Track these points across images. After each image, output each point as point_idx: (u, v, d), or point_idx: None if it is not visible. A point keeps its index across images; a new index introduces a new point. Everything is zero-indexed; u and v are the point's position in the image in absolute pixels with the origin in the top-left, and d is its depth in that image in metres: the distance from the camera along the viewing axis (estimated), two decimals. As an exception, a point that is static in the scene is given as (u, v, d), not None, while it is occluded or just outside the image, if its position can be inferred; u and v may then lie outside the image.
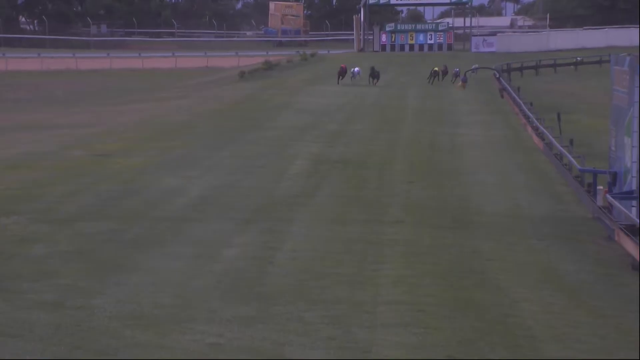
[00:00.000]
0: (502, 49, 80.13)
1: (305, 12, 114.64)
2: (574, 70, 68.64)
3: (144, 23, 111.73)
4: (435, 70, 54.74)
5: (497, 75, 51.14)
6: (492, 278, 14.27)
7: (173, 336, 10.96)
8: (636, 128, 17.74)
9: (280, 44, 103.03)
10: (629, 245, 15.91)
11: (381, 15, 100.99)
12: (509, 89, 45.42)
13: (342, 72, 53.54)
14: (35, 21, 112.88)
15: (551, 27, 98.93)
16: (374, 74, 52.71)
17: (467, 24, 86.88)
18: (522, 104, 38.77)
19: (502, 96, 45.80)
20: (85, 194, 20.69)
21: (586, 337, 11.54)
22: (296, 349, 10.64)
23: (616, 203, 17.94)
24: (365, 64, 69.27)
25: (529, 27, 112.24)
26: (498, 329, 11.58)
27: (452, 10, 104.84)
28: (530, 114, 35.48)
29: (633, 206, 17.88)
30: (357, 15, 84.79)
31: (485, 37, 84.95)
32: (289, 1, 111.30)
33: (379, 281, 13.78)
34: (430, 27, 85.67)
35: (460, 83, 48.03)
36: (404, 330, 11.35)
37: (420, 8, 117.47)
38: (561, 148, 25.98)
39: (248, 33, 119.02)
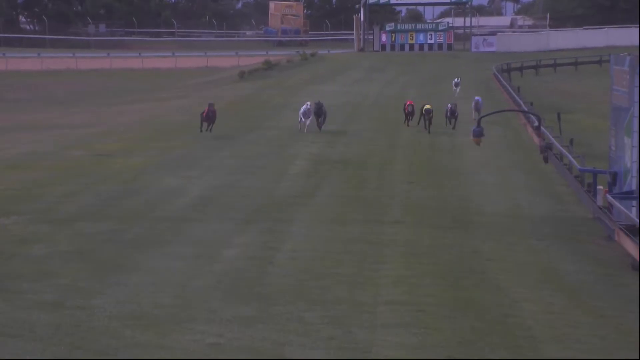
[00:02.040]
0: (502, 49, 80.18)
1: (305, 11, 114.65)
2: (574, 70, 68.65)
3: (144, 23, 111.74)
4: (411, 104, 34.94)
5: (537, 124, 28.61)
6: (492, 278, 14.27)
7: (173, 336, 10.96)
8: (636, 128, 17.75)
9: (280, 44, 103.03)
10: (629, 245, 15.91)
11: (381, 15, 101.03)
12: (559, 146, 27.33)
13: (209, 118, 31.00)
14: (35, 21, 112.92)
15: (551, 27, 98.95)
16: (320, 112, 32.53)
17: (467, 23, 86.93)
18: (522, 104, 38.76)
19: (546, 160, 25.57)
20: (85, 194, 20.69)
21: (586, 337, 11.54)
22: (296, 349, 10.64)
23: (616, 203, 17.93)
24: (366, 63, 69.41)
25: (529, 27, 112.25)
26: (498, 329, 11.58)
27: (452, 10, 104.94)
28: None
29: (633, 206, 17.89)
30: (357, 15, 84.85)
31: (485, 37, 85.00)
32: (289, 1, 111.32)
33: (379, 281, 13.78)
34: (430, 27, 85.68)
35: (471, 137, 23.49)
36: (404, 331, 11.35)
37: (420, 8, 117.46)
38: (561, 148, 25.99)
39: (248, 33, 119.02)
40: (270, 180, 22.92)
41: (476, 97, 36.87)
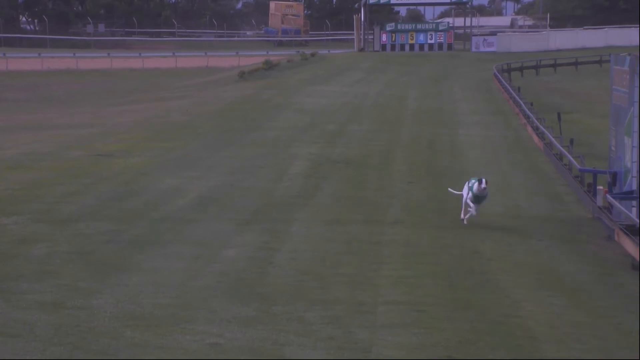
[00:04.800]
0: (502, 49, 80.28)
1: (305, 11, 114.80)
2: (574, 70, 68.68)
3: (144, 23, 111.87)
4: None
5: None
6: (492, 278, 14.27)
7: (173, 336, 10.96)
8: (636, 128, 17.73)
9: (280, 44, 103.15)
10: (629, 245, 15.90)
11: (381, 15, 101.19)
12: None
13: None
14: (36, 21, 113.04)
15: (551, 27, 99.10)
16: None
17: (467, 23, 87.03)
18: (522, 104, 38.77)
19: None
20: (85, 194, 20.69)
21: (586, 337, 11.54)
22: (296, 349, 10.64)
23: (616, 203, 17.92)
24: (366, 63, 69.39)
25: (529, 27, 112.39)
26: (498, 329, 11.58)
27: (452, 10, 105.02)
28: (530, 114, 35.48)
29: (633, 206, 17.87)
30: (358, 15, 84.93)
31: (486, 37, 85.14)
32: (289, 1, 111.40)
33: (379, 281, 13.78)
34: (430, 27, 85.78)
35: None
36: (404, 331, 11.35)
37: (421, 8, 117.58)
38: (561, 148, 25.98)
39: (248, 33, 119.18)
40: (270, 180, 22.92)
41: None
